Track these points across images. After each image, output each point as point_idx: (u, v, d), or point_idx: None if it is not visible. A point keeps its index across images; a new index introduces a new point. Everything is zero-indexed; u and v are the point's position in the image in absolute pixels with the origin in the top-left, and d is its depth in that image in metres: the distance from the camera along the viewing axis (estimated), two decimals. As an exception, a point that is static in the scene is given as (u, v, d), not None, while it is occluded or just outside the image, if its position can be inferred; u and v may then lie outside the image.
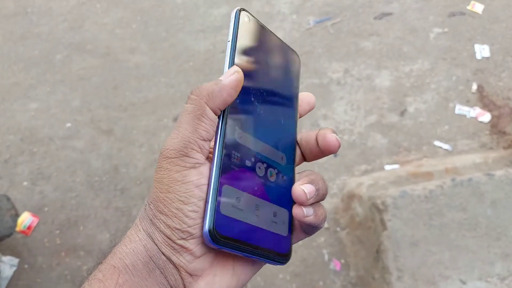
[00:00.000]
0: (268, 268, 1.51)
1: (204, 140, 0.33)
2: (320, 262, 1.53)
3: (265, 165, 0.37)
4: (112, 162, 1.78)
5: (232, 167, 0.35)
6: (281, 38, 0.41)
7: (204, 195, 0.32)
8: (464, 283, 1.29)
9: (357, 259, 1.51)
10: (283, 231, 0.36)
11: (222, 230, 0.32)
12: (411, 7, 2.15)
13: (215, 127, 0.34)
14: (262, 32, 0.39)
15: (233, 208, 0.34)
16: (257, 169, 0.37)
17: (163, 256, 0.32)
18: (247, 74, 0.37)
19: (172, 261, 0.32)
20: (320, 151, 0.38)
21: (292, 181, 0.38)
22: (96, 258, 0.34)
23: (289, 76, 0.41)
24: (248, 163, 0.36)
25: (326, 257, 1.53)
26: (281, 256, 0.35)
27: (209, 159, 0.35)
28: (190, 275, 0.32)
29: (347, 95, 1.89)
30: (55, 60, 2.09)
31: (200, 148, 0.33)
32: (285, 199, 0.37)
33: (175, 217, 0.31)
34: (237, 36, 0.36)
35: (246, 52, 0.37)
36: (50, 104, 1.95)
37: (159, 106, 1.92)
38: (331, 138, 0.37)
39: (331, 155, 1.72)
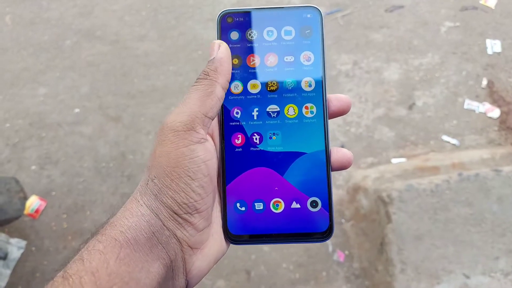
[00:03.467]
0: (272, 257, 1.52)
1: (209, 118, 0.34)
2: (324, 252, 1.53)
3: (278, 157, 0.38)
4: (119, 149, 1.79)
5: (238, 173, 0.38)
6: (287, 6, 0.41)
7: (209, 171, 0.34)
8: (467, 277, 1.30)
9: (361, 251, 1.52)
10: (314, 211, 0.38)
11: (235, 231, 0.37)
12: (423, 0, 2.12)
13: (220, 106, 0.36)
14: (253, 18, 0.40)
15: (243, 211, 0.38)
16: (271, 165, 0.39)
17: (166, 231, 0.32)
18: (239, 69, 0.39)
19: (176, 236, 0.33)
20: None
21: (323, 161, 0.38)
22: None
23: (299, 40, 0.40)
24: (260, 163, 0.38)
25: (330, 248, 1.54)
26: (319, 234, 0.37)
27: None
28: (191, 248, 0.34)
29: (355, 87, 1.89)
30: (65, 46, 2.10)
31: (205, 125, 0.34)
32: (316, 180, 0.38)
33: (183, 191, 0.32)
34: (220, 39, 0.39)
35: (234, 49, 0.39)
36: (59, 89, 1.96)
37: (167, 94, 1.92)
38: (345, 151, 0.39)
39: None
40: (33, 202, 1.63)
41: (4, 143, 1.82)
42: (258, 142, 0.38)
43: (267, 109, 0.39)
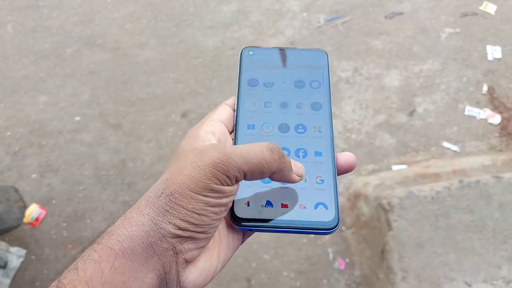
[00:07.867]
0: (272, 264, 1.51)
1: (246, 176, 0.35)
2: (324, 260, 1.53)
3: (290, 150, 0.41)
4: (119, 156, 1.79)
5: None
6: (299, 48, 0.46)
7: (230, 203, 0.34)
8: (469, 285, 1.29)
9: (362, 259, 1.51)
10: (319, 202, 0.38)
11: (241, 214, 0.37)
12: (423, 6, 2.13)
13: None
14: (270, 55, 0.45)
15: (251, 195, 0.38)
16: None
17: (165, 243, 0.32)
18: (255, 102, 0.42)
19: (175, 248, 0.32)
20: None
21: (330, 159, 0.40)
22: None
23: (310, 80, 0.44)
24: None
25: (331, 255, 1.53)
26: (325, 226, 0.37)
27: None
28: (187, 261, 0.33)
29: (356, 94, 1.89)
30: (65, 53, 2.11)
31: (234, 183, 0.34)
32: (322, 172, 0.39)
33: (198, 214, 0.32)
34: (241, 71, 0.43)
35: (252, 81, 0.43)
36: (60, 97, 1.97)
37: (167, 101, 1.92)
38: (350, 155, 0.40)
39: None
40: (33, 211, 1.62)
41: (4, 151, 1.82)
42: None
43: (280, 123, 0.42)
